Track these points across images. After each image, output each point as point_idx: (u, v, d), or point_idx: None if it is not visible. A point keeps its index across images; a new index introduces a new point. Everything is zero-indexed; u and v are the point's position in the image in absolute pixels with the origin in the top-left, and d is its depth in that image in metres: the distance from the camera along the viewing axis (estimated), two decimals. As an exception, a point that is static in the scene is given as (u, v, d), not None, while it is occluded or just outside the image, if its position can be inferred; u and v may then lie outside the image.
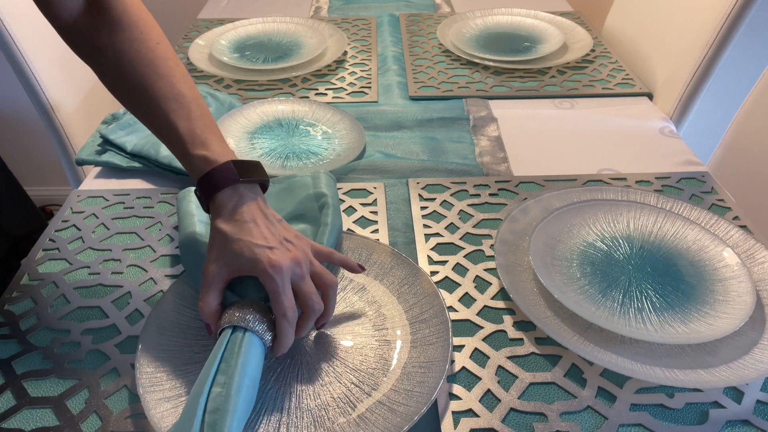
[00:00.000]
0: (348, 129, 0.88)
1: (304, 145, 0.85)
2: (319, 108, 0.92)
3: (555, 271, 0.63)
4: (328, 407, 0.50)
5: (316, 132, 0.88)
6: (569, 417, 0.51)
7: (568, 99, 0.99)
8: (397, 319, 0.58)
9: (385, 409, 0.49)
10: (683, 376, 0.52)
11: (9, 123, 1.86)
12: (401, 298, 0.60)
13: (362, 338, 0.56)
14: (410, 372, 0.52)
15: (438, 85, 1.02)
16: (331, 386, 0.52)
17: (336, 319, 0.58)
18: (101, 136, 0.84)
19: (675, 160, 0.83)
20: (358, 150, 0.83)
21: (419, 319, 0.57)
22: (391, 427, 0.48)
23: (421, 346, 0.55)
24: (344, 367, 0.54)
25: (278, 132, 0.88)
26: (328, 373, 0.53)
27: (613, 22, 1.23)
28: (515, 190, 0.77)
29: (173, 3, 1.78)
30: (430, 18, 1.29)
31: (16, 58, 0.95)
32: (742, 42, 0.90)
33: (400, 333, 0.56)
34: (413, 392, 0.50)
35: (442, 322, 0.56)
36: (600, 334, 0.57)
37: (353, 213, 0.73)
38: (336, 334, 0.57)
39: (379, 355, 0.54)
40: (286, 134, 0.87)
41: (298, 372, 0.53)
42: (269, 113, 0.91)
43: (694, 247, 0.66)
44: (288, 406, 0.50)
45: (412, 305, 0.59)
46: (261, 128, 0.88)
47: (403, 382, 0.52)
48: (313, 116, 0.91)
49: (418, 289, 0.60)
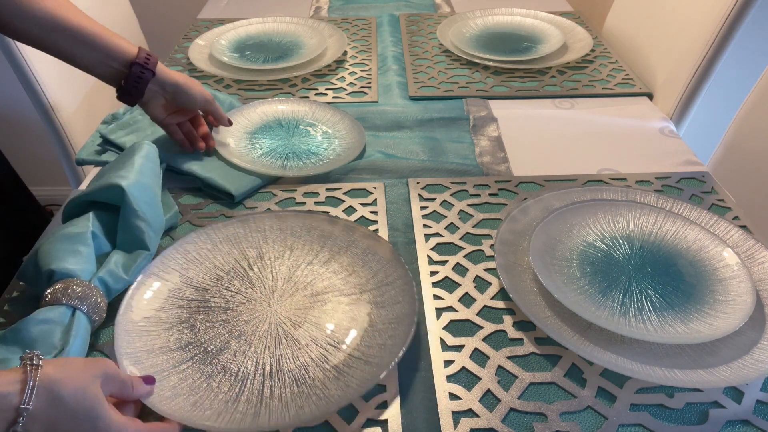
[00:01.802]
0: (348, 129, 0.88)
1: (304, 145, 0.85)
2: (320, 108, 0.92)
3: (555, 271, 0.63)
4: (307, 367, 0.54)
5: (316, 132, 0.88)
6: (569, 417, 0.51)
7: (568, 99, 0.99)
8: (364, 284, 0.62)
9: (361, 362, 0.54)
10: (683, 376, 0.52)
11: (9, 123, 1.86)
12: (366, 266, 0.64)
13: (333, 304, 0.60)
14: (381, 328, 0.57)
15: (438, 85, 1.02)
16: (308, 348, 0.56)
17: (308, 290, 0.62)
18: (101, 136, 0.84)
19: (675, 160, 0.83)
20: (358, 150, 0.83)
21: (385, 282, 0.62)
22: (367, 376, 0.52)
23: (389, 305, 0.59)
24: (319, 330, 0.58)
25: (278, 132, 0.88)
26: (304, 338, 0.57)
27: (613, 22, 1.23)
28: (515, 190, 0.77)
29: (173, 3, 1.78)
30: (430, 18, 1.29)
31: (16, 58, 0.95)
32: (742, 42, 0.90)
33: (368, 296, 0.61)
34: (385, 345, 0.55)
35: (406, 282, 0.60)
36: (600, 334, 0.57)
37: (353, 213, 0.73)
38: (309, 303, 0.61)
39: (350, 317, 0.59)
40: (286, 134, 0.87)
41: (276, 339, 0.57)
42: (269, 113, 0.91)
43: (694, 247, 0.66)
44: (270, 370, 0.54)
45: (377, 271, 0.63)
46: (261, 128, 0.88)
47: (375, 338, 0.56)
48: (313, 116, 0.91)
49: (381, 256, 0.64)
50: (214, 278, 0.63)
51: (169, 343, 0.56)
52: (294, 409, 0.50)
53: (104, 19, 0.88)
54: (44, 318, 0.52)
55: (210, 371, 0.54)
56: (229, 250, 0.66)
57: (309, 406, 0.50)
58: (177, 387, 0.52)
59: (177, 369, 0.54)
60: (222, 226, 0.68)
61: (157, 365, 0.53)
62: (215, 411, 0.50)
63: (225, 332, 0.57)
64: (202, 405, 0.50)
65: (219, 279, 0.63)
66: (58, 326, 0.52)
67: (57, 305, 0.53)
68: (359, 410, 0.52)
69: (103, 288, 0.57)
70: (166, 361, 0.54)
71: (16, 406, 0.41)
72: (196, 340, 0.57)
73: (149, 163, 0.68)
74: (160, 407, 0.49)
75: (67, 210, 0.65)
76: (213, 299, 0.61)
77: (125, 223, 0.61)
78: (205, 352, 0.55)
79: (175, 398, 0.51)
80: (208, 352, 0.55)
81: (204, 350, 0.56)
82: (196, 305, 0.60)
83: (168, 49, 1.20)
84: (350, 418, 0.51)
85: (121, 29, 1.24)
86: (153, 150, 0.71)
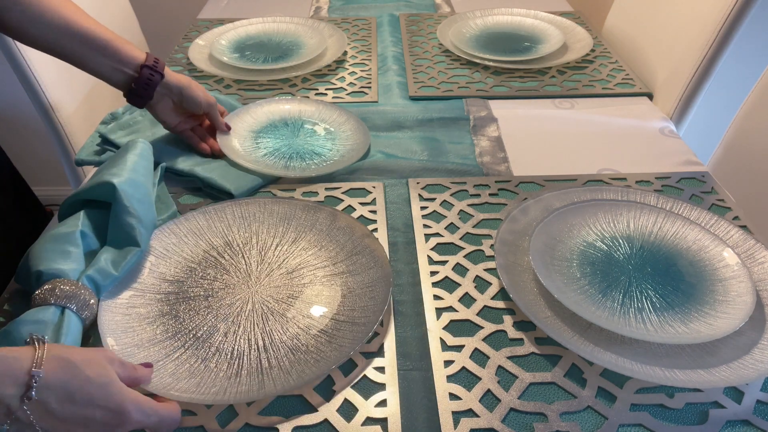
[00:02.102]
0: (353, 130, 0.88)
1: (309, 146, 0.85)
2: (325, 108, 0.92)
3: (555, 271, 0.63)
4: (299, 336, 0.57)
5: (321, 132, 0.88)
6: (569, 417, 0.51)
7: (568, 99, 0.98)
8: (335, 257, 0.66)
9: (348, 324, 0.58)
10: (683, 376, 0.52)
11: (9, 123, 1.86)
12: (333, 240, 0.67)
13: (310, 277, 0.63)
14: (359, 293, 0.61)
15: (438, 85, 1.02)
16: (295, 320, 0.59)
17: (282, 268, 0.65)
18: (100, 136, 0.84)
19: (675, 160, 0.83)
20: (362, 151, 0.83)
21: (354, 252, 0.65)
22: (357, 335, 0.56)
23: (363, 271, 0.63)
24: (302, 303, 0.61)
25: (283, 132, 0.88)
26: (289, 311, 0.60)
27: (613, 22, 1.23)
28: (515, 190, 0.77)
29: (173, 3, 1.78)
30: (430, 18, 1.29)
31: (16, 58, 0.95)
32: (742, 42, 0.90)
33: (341, 266, 0.64)
34: (367, 307, 0.59)
35: (376, 248, 0.65)
36: (600, 334, 0.57)
37: (352, 212, 0.73)
38: (286, 280, 0.63)
39: (329, 287, 0.62)
40: (291, 134, 0.87)
41: (263, 317, 0.59)
42: (275, 112, 0.91)
43: (694, 247, 0.66)
44: (263, 344, 0.56)
45: (344, 243, 0.67)
46: (266, 127, 0.88)
47: (356, 302, 0.60)
48: (318, 116, 0.91)
49: (347, 229, 0.68)
50: (187, 270, 0.64)
51: (156, 335, 0.57)
52: (296, 373, 0.53)
53: (104, 18, 0.88)
54: (34, 319, 0.52)
55: (205, 354, 0.55)
56: (195, 242, 0.67)
57: (309, 368, 0.53)
58: (176, 373, 0.53)
59: (171, 357, 0.55)
60: (184, 220, 0.69)
61: (150, 357, 0.54)
62: (220, 388, 0.52)
63: (211, 317, 0.59)
64: (205, 384, 0.52)
65: (192, 270, 0.64)
66: (48, 326, 0.52)
67: (46, 306, 0.53)
68: (359, 408, 0.52)
69: (92, 286, 0.57)
70: (159, 351, 0.55)
71: (28, 368, 0.41)
72: (183, 329, 0.58)
73: (143, 161, 0.69)
74: (165, 393, 0.50)
75: (62, 210, 0.66)
76: (191, 289, 0.62)
77: (116, 220, 0.62)
78: (195, 338, 0.57)
79: (177, 383, 0.52)
80: (198, 338, 0.57)
81: (194, 336, 0.57)
82: (174, 297, 0.61)
83: (168, 49, 1.20)
84: (350, 416, 0.51)
85: (121, 29, 1.24)
86: (147, 148, 0.71)
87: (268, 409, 0.52)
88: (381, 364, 0.55)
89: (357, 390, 0.53)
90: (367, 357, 0.56)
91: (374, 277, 0.62)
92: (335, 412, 0.51)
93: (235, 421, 0.51)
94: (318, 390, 0.53)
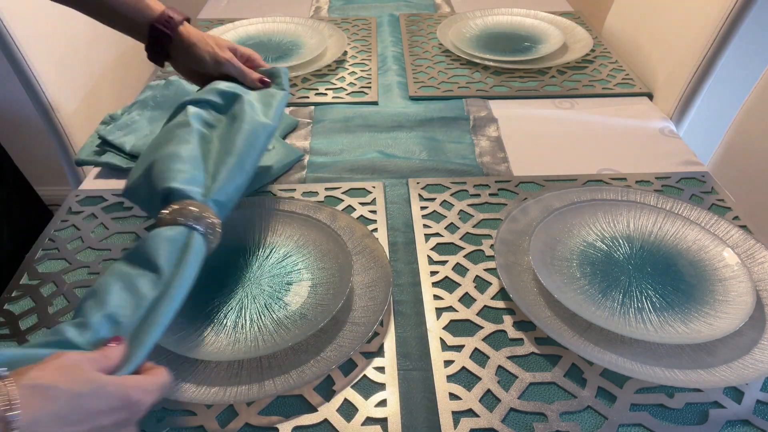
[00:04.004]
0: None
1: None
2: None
3: (555, 271, 0.63)
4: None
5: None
6: (569, 417, 0.51)
7: (568, 99, 0.98)
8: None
9: (348, 323, 0.58)
10: (683, 376, 0.52)
11: (9, 123, 1.86)
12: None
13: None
14: (359, 293, 0.62)
15: (438, 85, 1.02)
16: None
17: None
18: (99, 137, 0.84)
19: (675, 160, 0.83)
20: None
21: (354, 252, 0.65)
22: (357, 335, 0.56)
23: (363, 271, 0.64)
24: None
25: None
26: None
27: (613, 22, 1.23)
28: (515, 190, 0.77)
29: (173, 3, 1.78)
30: (430, 18, 1.29)
31: (16, 58, 0.95)
32: (742, 42, 0.90)
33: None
34: (367, 307, 0.60)
35: (376, 248, 0.65)
36: (600, 334, 0.57)
37: (352, 212, 0.73)
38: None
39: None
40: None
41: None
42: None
43: (694, 247, 0.66)
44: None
45: (344, 243, 0.66)
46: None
47: (356, 301, 0.61)
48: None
49: (346, 229, 0.68)
50: None
51: None
52: (296, 373, 0.53)
53: (104, 18, 0.88)
54: (165, 236, 0.51)
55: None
56: None
57: (309, 368, 0.54)
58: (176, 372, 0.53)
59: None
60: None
61: None
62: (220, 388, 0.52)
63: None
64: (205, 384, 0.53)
65: None
66: (175, 244, 0.51)
67: (175, 225, 0.52)
68: (359, 408, 0.52)
69: (216, 209, 0.57)
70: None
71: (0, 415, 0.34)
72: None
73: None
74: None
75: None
76: None
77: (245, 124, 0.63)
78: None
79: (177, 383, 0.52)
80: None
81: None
82: None
83: (168, 49, 1.19)
84: (350, 416, 0.51)
85: (121, 29, 1.23)
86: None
87: (268, 409, 0.52)
88: (381, 364, 0.55)
89: (357, 390, 0.53)
90: (367, 357, 0.56)
91: (374, 277, 0.62)
92: (335, 412, 0.51)
93: (235, 421, 0.51)
94: (318, 390, 0.53)
